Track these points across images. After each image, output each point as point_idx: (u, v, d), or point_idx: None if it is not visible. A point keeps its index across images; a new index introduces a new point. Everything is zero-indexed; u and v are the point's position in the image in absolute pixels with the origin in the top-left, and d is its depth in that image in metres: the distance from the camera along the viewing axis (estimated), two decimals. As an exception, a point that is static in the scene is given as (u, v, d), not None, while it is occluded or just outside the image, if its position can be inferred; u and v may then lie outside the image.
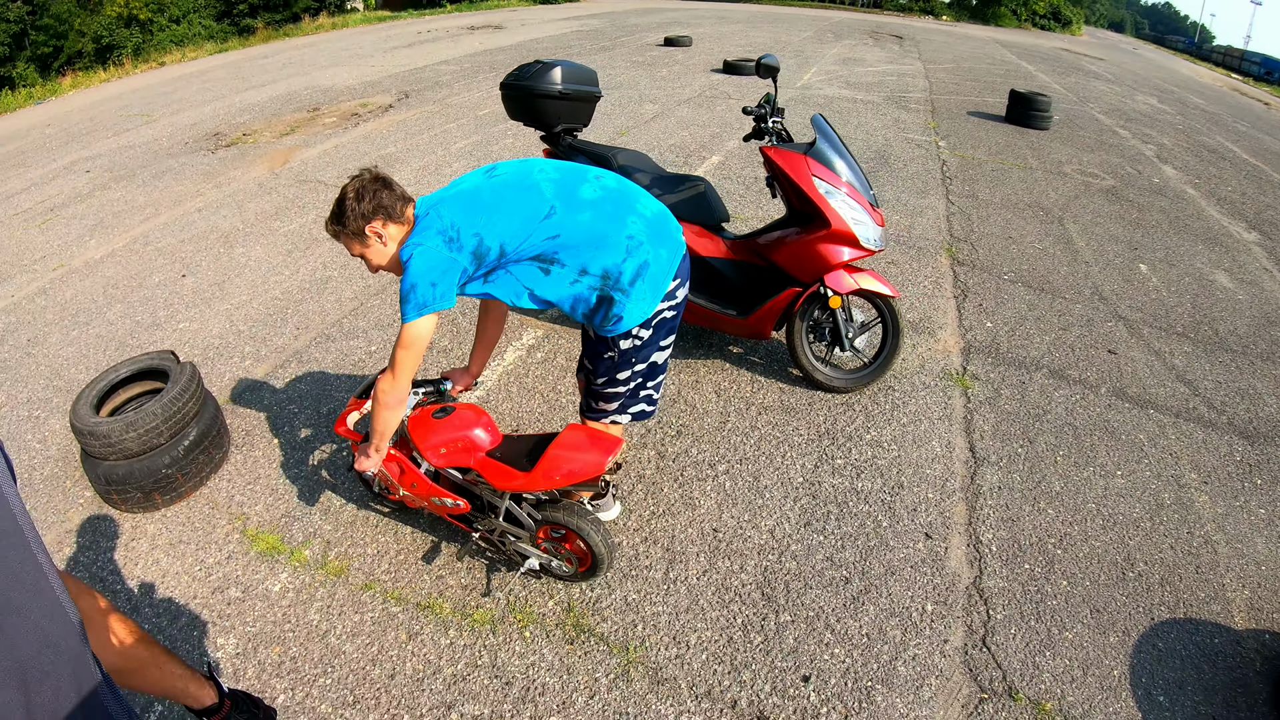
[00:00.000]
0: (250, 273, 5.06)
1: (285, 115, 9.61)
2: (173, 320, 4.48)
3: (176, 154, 8.10)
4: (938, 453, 3.35)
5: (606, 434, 2.27)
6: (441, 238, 2.01)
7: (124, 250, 5.60)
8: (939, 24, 30.27)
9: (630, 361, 2.29)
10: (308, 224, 5.86)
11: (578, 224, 2.08)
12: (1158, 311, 4.90)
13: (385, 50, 15.60)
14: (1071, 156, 8.72)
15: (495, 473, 2.26)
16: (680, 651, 2.40)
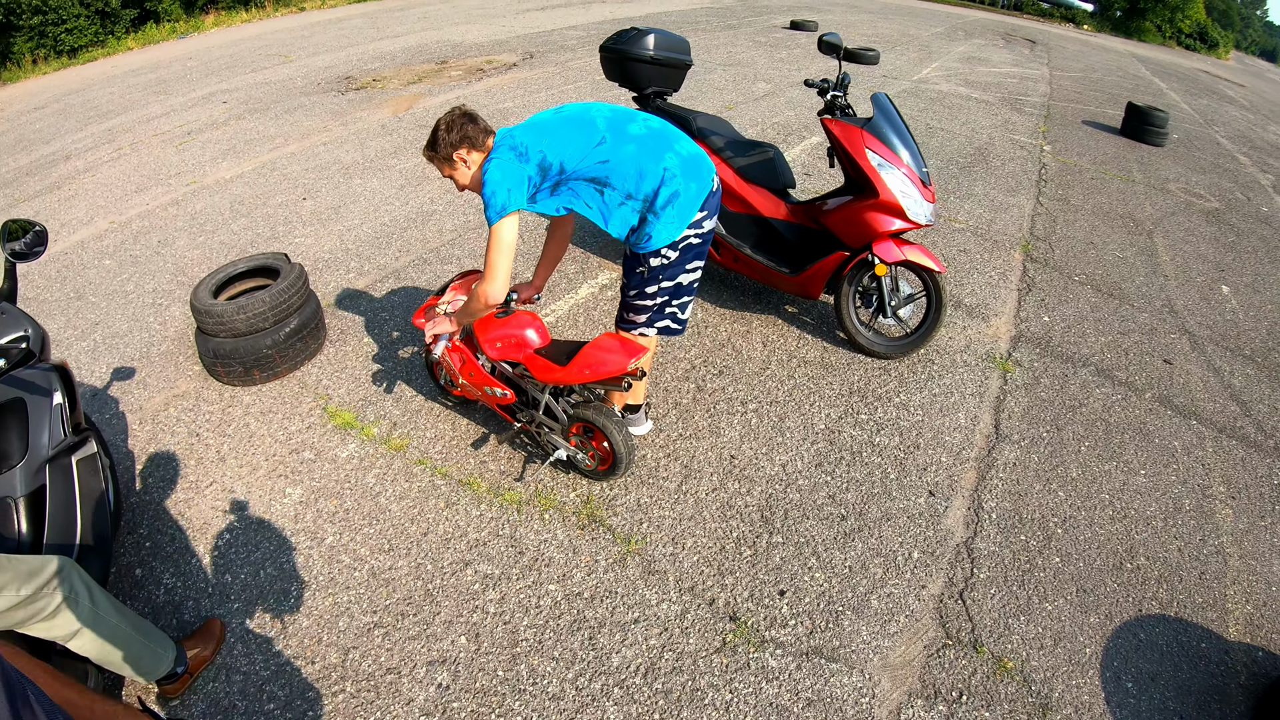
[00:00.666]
0: (364, 201, 5.48)
1: (414, 65, 10.11)
2: (290, 235, 4.94)
3: (309, 93, 8.68)
4: (961, 424, 3.39)
5: (634, 341, 2.52)
6: (513, 153, 2.33)
7: (252, 173, 6.14)
8: (1078, 33, 28.42)
9: (658, 278, 2.51)
10: (422, 163, 6.25)
11: (623, 154, 2.35)
12: (1229, 332, 4.67)
13: (518, 12, 15.99)
14: (1180, 175, 8.21)
15: (538, 367, 2.53)
16: (675, 551, 2.60)
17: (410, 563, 2.53)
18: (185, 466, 2.97)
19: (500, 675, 2.21)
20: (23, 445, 1.99)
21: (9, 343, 2.12)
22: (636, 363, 2.43)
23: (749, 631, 2.37)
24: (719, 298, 4.31)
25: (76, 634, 1.73)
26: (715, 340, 3.89)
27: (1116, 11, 31.59)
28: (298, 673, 2.21)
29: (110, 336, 3.87)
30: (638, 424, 3.10)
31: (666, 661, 2.27)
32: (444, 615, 2.37)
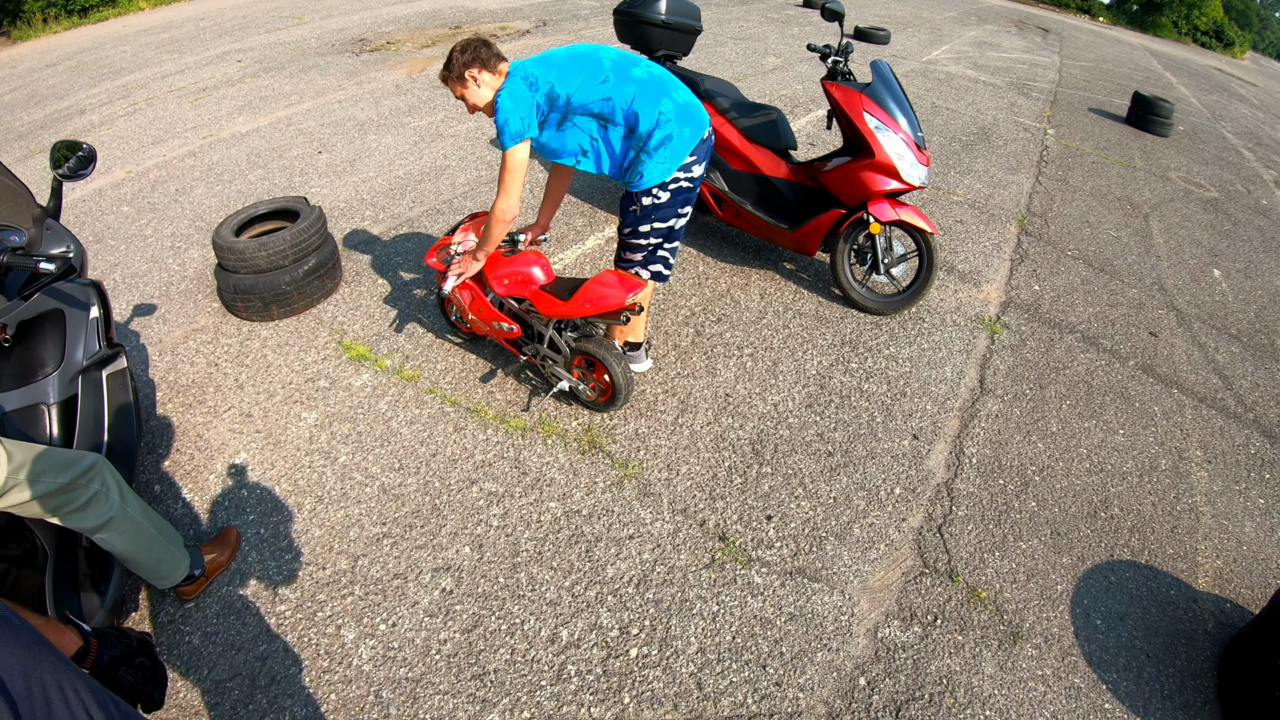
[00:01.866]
0: (379, 155, 5.56)
1: (428, 29, 10.13)
2: (306, 186, 5.03)
3: (323, 53, 8.70)
4: (948, 376, 3.50)
5: (632, 277, 2.63)
6: (524, 82, 2.47)
7: (268, 128, 6.21)
8: (1093, 24, 28.18)
9: (650, 217, 2.64)
10: (436, 122, 6.32)
11: (625, 93, 2.49)
12: (1216, 312, 4.77)
13: (533, -13, 15.92)
14: (1181, 165, 8.26)
15: (543, 302, 2.66)
16: (670, 476, 2.73)
17: (419, 480, 2.66)
18: (204, 393, 3.09)
19: (501, 582, 2.34)
20: (58, 354, 2.07)
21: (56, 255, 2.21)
22: (635, 297, 2.56)
23: (737, 550, 2.50)
24: (720, 252, 4.42)
25: (104, 527, 1.81)
26: (715, 291, 4.00)
27: (1133, 5, 31.26)
28: (309, 578, 2.34)
29: (130, 276, 3.98)
30: (638, 361, 3.22)
31: (658, 574, 2.40)
32: (449, 527, 2.50)
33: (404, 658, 2.12)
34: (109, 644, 1.15)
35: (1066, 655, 2.35)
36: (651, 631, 2.24)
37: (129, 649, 1.17)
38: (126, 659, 1.15)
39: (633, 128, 2.51)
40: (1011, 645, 2.35)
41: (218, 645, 2.13)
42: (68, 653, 1.09)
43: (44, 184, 4.90)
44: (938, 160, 6.64)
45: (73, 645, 1.10)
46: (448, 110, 6.65)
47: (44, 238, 2.21)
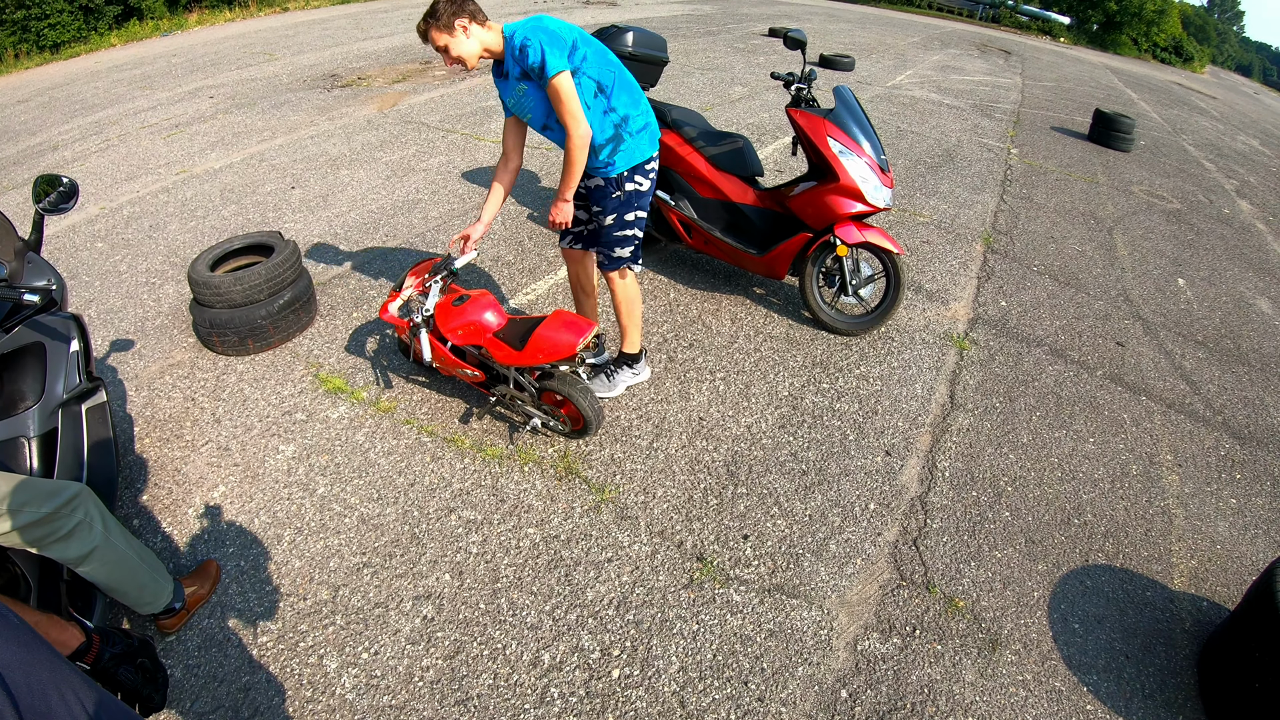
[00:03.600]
0: (351, 190, 5.64)
1: (399, 65, 10.29)
2: (280, 221, 5.09)
3: (295, 89, 8.82)
4: (918, 393, 3.61)
5: (581, 319, 2.74)
6: (553, 23, 2.55)
7: (240, 163, 6.28)
8: (1055, 45, 29.08)
9: (634, 204, 2.87)
10: (408, 156, 6.42)
11: (625, 79, 2.76)
12: (1182, 320, 4.94)
13: (500, 15, 15.99)
14: (1144, 179, 8.55)
15: (498, 350, 2.76)
16: (646, 500, 2.80)
17: (398, 510, 2.70)
18: (181, 428, 3.12)
19: (482, 608, 2.38)
20: (39, 388, 2.10)
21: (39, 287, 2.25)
22: (584, 341, 2.66)
23: (715, 570, 2.56)
24: (690, 279, 4.53)
25: (87, 558, 1.83)
26: (686, 317, 4.10)
27: (1093, 25, 32.34)
28: (290, 609, 2.37)
29: (105, 312, 4.00)
30: (641, 372, 3.39)
31: (638, 596, 2.45)
32: (429, 555, 2.54)
33: (387, 685, 2.15)
34: (111, 642, 1.17)
35: (1046, 660, 2.42)
36: (633, 652, 2.28)
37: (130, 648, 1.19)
38: (127, 658, 1.17)
39: (619, 106, 2.70)
40: (991, 652, 2.41)
41: (200, 678, 2.15)
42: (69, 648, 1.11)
43: (19, 219, 4.92)
44: (904, 183, 6.84)
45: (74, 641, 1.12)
46: (419, 145, 6.76)
47: (25, 271, 2.24)
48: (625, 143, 2.75)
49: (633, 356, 3.33)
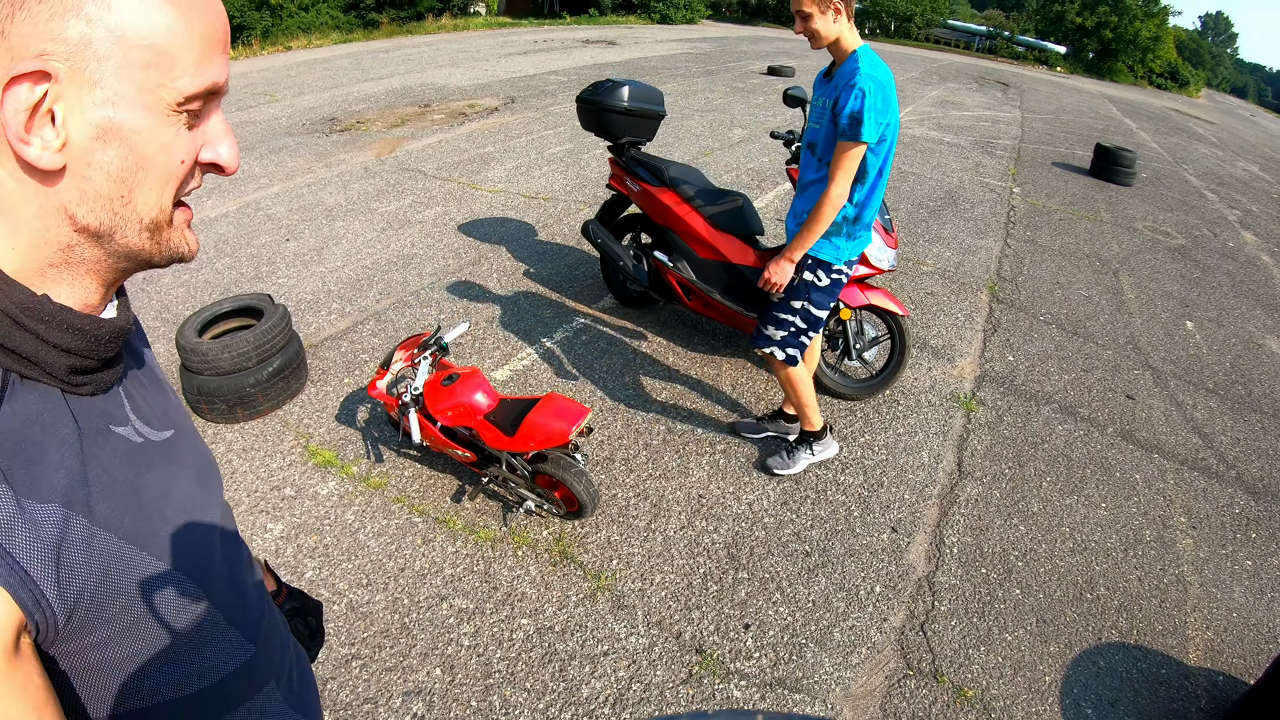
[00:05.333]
0: (347, 243, 5.64)
1: (398, 108, 10.39)
2: (273, 275, 5.08)
3: (294, 133, 8.88)
4: (925, 462, 3.54)
5: (575, 405, 2.68)
6: (881, 94, 2.45)
7: (236, 213, 6.29)
8: (1051, 75, 29.45)
9: (803, 294, 2.85)
10: (404, 207, 6.43)
11: (883, 183, 2.71)
12: (1191, 366, 4.89)
13: (500, 56, 16.42)
14: (1147, 214, 8.56)
15: (489, 433, 2.70)
16: (644, 586, 2.72)
17: (387, 597, 2.63)
18: (165, 507, 3.05)
19: (474, 705, 2.30)
20: None
21: None
22: (578, 429, 2.60)
23: (714, 664, 2.48)
24: (691, 342, 4.47)
25: None
26: (687, 383, 4.04)
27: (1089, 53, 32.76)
28: (274, 710, 2.28)
29: (92, 379, 3.96)
30: (824, 450, 3.34)
31: (634, 692, 2.37)
32: (420, 647, 2.47)
33: (370, 805, 2.07)
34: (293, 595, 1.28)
35: (1059, 755, 2.33)
36: (630, 759, 2.20)
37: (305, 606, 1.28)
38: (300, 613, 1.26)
39: (860, 200, 2.67)
40: (1003, 747, 2.33)
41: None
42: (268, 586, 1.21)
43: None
44: (907, 229, 6.83)
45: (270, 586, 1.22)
46: (415, 195, 6.78)
47: None
48: (839, 236, 2.72)
49: (814, 434, 3.27)
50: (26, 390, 0.62)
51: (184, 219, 0.69)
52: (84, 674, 0.64)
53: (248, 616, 0.83)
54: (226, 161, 0.68)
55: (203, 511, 0.79)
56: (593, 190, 7.09)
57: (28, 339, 0.61)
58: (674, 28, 29.16)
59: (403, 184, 7.07)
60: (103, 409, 0.70)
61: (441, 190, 6.92)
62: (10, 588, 0.54)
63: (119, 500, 0.66)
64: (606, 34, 23.79)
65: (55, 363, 0.63)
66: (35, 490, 0.58)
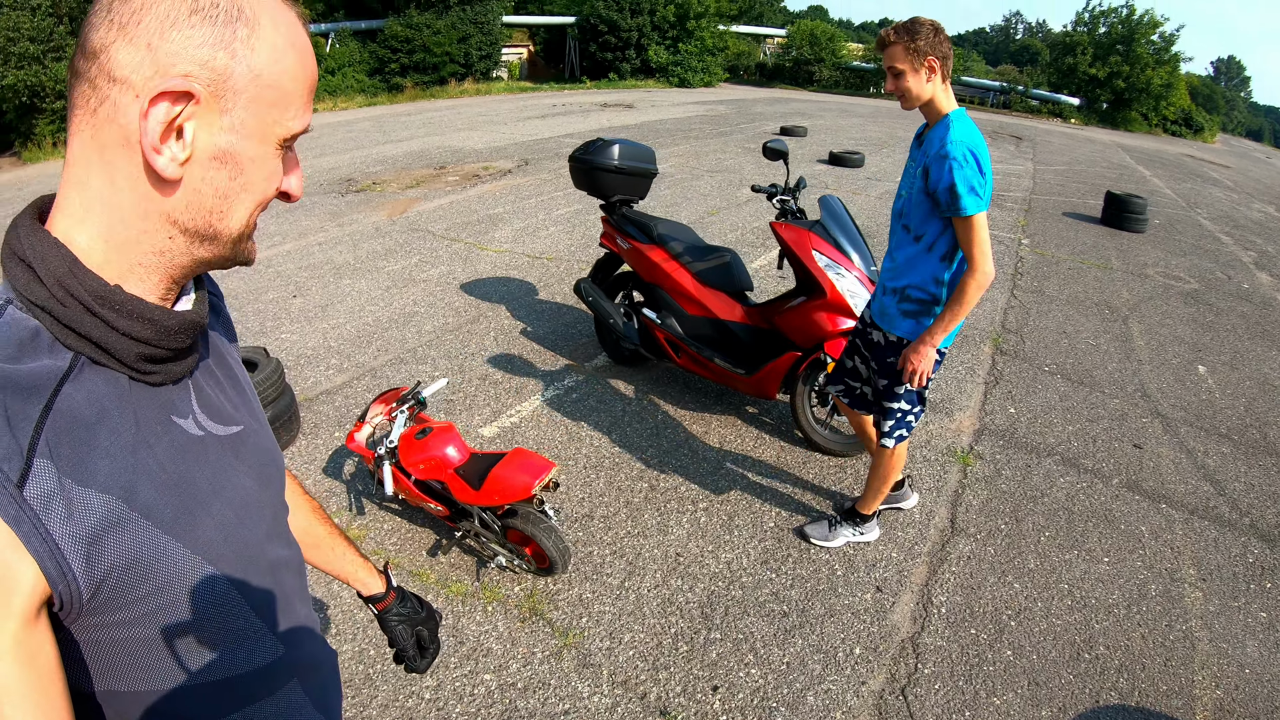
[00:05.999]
0: (351, 301, 5.74)
1: (414, 170, 10.69)
2: (277, 330, 5.17)
3: (311, 193, 9.13)
4: (915, 519, 3.43)
5: (540, 460, 2.68)
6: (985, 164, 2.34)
7: (246, 269, 6.44)
8: (1065, 126, 29.57)
9: None
10: (410, 266, 6.56)
11: None
12: (1204, 412, 4.73)
13: (518, 119, 16.90)
14: (1159, 260, 8.45)
15: (458, 487, 2.70)
16: (611, 645, 2.64)
17: (354, 648, 2.58)
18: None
19: (430, 775, 2.22)
20: None
21: None
22: (541, 484, 2.59)
23: (681, 728, 2.38)
24: (680, 399, 4.40)
25: None
26: (673, 441, 3.98)
27: (1102, 104, 32.88)
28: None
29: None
30: (866, 534, 3.19)
31: (596, 760, 2.27)
32: (381, 699, 2.41)
33: None
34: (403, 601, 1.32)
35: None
36: (588, 832, 2.10)
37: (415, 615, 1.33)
38: (410, 621, 1.32)
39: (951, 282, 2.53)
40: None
41: None
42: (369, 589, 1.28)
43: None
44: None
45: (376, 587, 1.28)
46: (422, 254, 6.91)
47: None
48: (930, 316, 2.55)
49: (863, 516, 3.15)
50: (95, 374, 0.65)
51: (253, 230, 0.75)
52: (98, 646, 0.66)
53: (283, 619, 0.84)
54: (295, 191, 0.76)
55: (254, 510, 0.81)
56: (596, 250, 7.18)
57: (97, 325, 0.64)
58: (692, 91, 29.82)
59: (411, 244, 7.22)
60: (167, 399, 0.73)
61: (448, 250, 7.05)
62: (40, 559, 0.57)
63: (164, 491, 0.68)
64: (624, 98, 24.37)
65: (125, 349, 0.66)
66: (77, 472, 0.61)
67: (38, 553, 0.57)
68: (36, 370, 0.61)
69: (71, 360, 0.64)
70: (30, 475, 0.57)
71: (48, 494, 0.58)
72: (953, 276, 2.54)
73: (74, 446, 0.61)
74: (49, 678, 0.58)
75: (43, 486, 0.58)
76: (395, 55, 24.60)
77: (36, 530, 0.57)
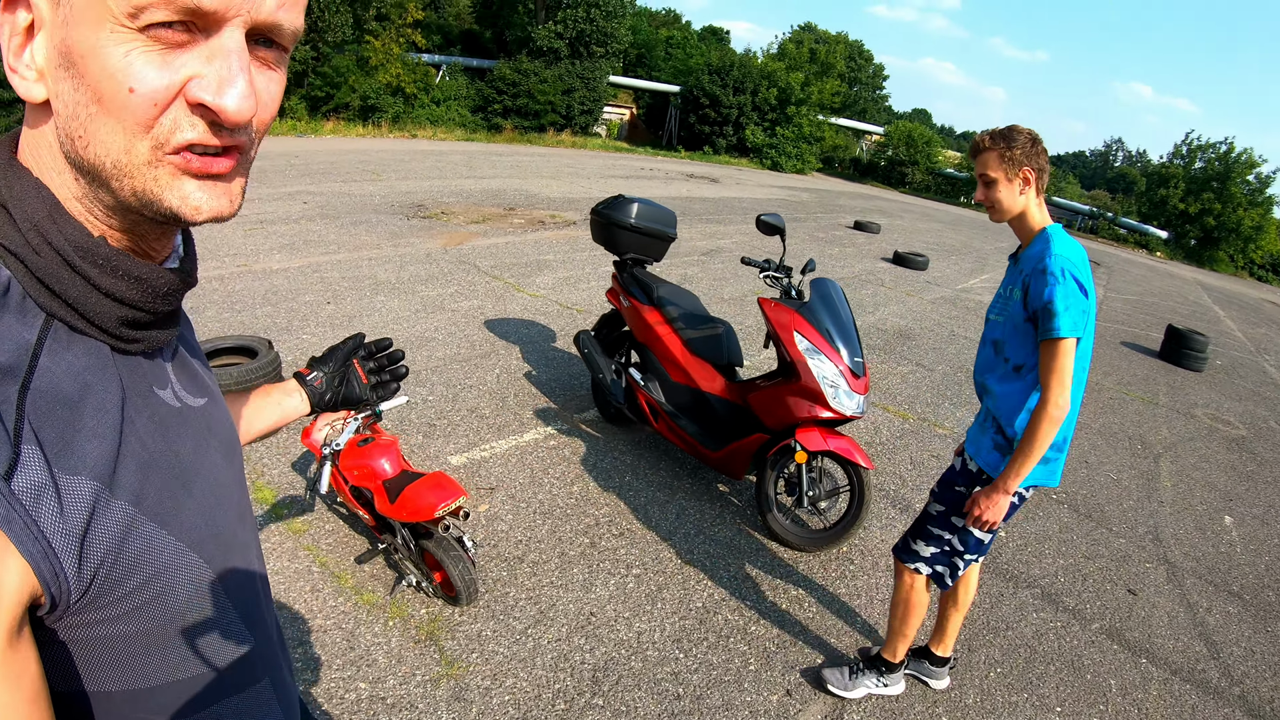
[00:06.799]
0: (378, 316, 5.88)
1: (484, 206, 11.04)
2: (303, 330, 5.33)
3: (380, 211, 9.51)
4: (857, 627, 3.19)
5: (453, 486, 2.63)
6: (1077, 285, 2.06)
7: (296, 270, 6.72)
8: (1149, 259, 28.55)
9: None
10: (445, 294, 6.70)
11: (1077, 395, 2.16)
12: (1218, 565, 4.31)
13: (602, 176, 17.32)
14: (1211, 401, 7.92)
15: (380, 498, 2.69)
16: (491, 686, 2.53)
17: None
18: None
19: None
20: None
21: None
22: (445, 508, 2.54)
23: (534, 795, 2.22)
24: (655, 464, 4.27)
25: None
26: (633, 503, 3.84)
27: (1190, 240, 31.67)
28: None
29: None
30: (890, 686, 2.79)
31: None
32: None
33: None
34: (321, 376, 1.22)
35: None
36: None
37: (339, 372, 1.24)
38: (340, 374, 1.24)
39: None
40: None
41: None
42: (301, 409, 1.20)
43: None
44: (935, 391, 6.52)
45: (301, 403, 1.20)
46: (460, 285, 7.06)
47: None
48: None
49: (888, 665, 2.75)
50: (73, 344, 0.57)
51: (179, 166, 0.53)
52: (84, 646, 0.58)
53: (251, 605, 0.76)
54: (221, 105, 0.50)
55: (226, 489, 0.73)
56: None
57: (77, 283, 0.55)
58: (782, 175, 30.01)
59: (454, 274, 7.39)
60: (149, 369, 0.65)
61: (487, 286, 7.19)
62: (33, 561, 0.49)
63: (148, 473, 0.60)
64: (712, 172, 24.71)
65: (106, 313, 0.57)
66: (66, 459, 0.53)
67: (30, 555, 0.49)
68: (4, 338, 0.52)
69: (43, 326, 0.55)
70: (19, 465, 0.49)
71: (38, 486, 0.50)
72: None
73: (58, 429, 0.53)
74: (34, 695, 0.51)
75: (31, 477, 0.50)
76: (500, 96, 25.56)
77: (29, 529, 0.49)
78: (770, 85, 30.99)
